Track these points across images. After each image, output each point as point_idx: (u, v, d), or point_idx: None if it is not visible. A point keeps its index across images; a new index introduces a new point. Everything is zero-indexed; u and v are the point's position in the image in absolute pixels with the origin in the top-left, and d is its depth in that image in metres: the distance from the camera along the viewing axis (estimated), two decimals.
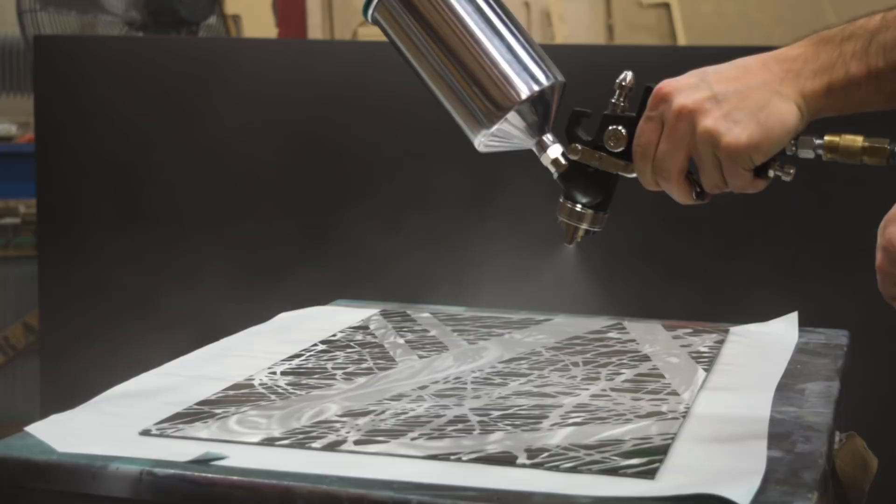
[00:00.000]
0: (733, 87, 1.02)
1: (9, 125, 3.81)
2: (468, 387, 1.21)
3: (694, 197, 1.07)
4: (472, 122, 1.10)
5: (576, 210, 1.12)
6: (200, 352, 1.36)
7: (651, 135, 1.05)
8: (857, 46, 1.00)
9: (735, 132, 1.01)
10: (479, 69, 1.08)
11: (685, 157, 1.04)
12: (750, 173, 1.03)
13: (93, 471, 0.96)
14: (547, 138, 1.12)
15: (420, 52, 1.10)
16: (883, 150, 1.02)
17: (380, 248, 2.37)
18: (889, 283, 1.26)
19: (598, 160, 1.10)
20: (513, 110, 1.08)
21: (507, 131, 1.10)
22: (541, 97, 1.09)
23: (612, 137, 1.08)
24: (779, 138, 1.01)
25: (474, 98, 1.09)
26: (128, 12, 3.37)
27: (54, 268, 2.56)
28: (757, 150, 1.01)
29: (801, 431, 1.07)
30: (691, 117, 1.02)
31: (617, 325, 1.52)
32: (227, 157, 2.49)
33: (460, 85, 1.09)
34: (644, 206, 2.31)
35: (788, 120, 1.01)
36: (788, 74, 1.01)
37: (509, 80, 1.08)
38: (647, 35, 4.26)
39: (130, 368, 1.26)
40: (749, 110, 1.01)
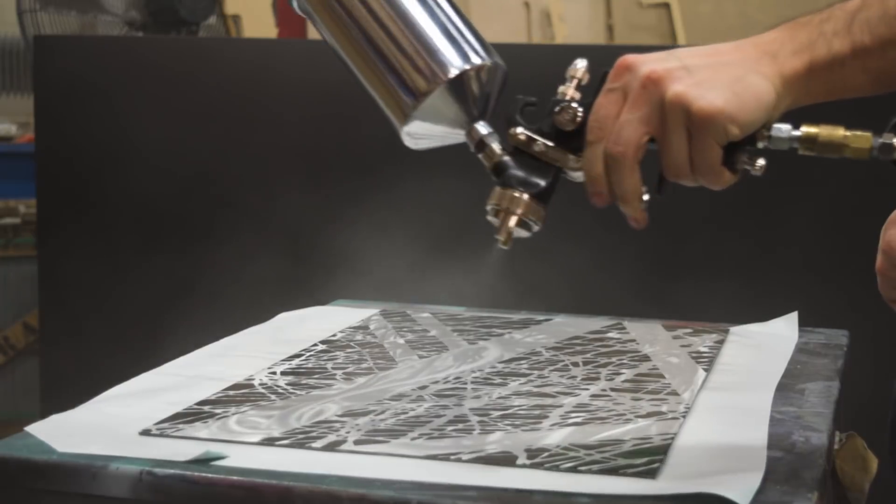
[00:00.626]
0: (705, 61, 0.93)
1: (9, 125, 3.82)
2: (468, 387, 1.21)
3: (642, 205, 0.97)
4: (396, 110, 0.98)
5: (513, 196, 0.97)
6: (200, 352, 1.36)
7: (611, 107, 0.93)
8: (839, 25, 0.92)
9: (709, 97, 0.90)
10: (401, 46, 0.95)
11: (647, 132, 0.92)
12: (720, 152, 0.92)
13: (93, 471, 0.96)
14: (480, 126, 0.98)
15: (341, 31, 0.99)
16: (866, 139, 0.93)
17: (379, 248, 2.37)
18: (889, 286, 1.26)
19: (541, 148, 0.96)
20: (438, 92, 0.96)
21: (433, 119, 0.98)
22: (474, 79, 0.97)
23: (566, 113, 0.95)
24: (754, 111, 0.91)
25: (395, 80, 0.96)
26: (128, 12, 3.37)
27: (54, 268, 2.56)
28: (732, 119, 0.90)
29: (801, 431, 1.07)
30: (661, 83, 0.91)
31: (617, 325, 1.52)
32: (226, 157, 2.49)
33: (381, 66, 0.96)
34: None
35: (764, 95, 0.91)
36: (765, 55, 0.92)
37: (435, 58, 0.95)
38: (647, 35, 4.26)
39: (130, 368, 1.26)
40: (723, 81, 0.91)
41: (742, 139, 0.92)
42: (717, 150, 0.92)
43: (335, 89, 2.43)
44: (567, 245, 2.29)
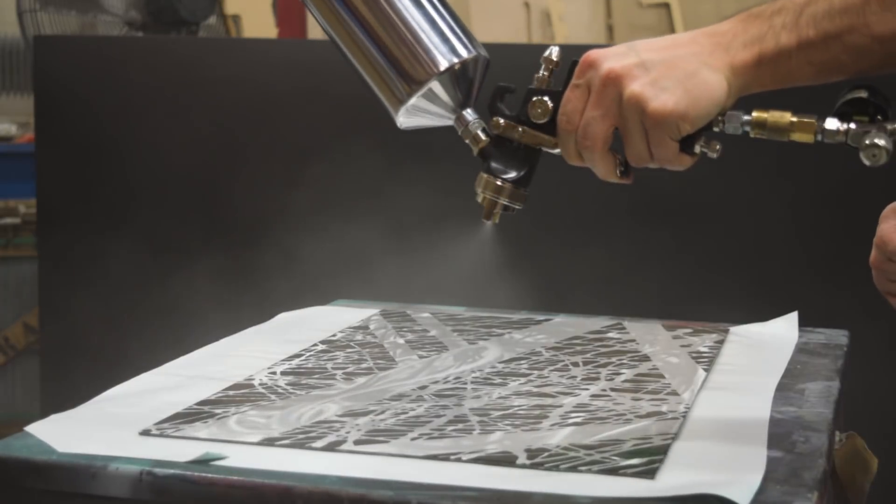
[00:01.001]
0: (661, 55, 1.00)
1: (9, 125, 3.81)
2: (468, 387, 1.21)
3: (618, 174, 1.05)
4: (391, 97, 1.08)
5: (496, 184, 1.09)
6: (200, 352, 1.36)
7: (577, 102, 1.03)
8: (788, 19, 0.98)
9: (662, 98, 0.99)
10: (397, 41, 1.05)
11: (611, 125, 1.02)
12: (676, 145, 1.01)
13: (93, 471, 0.96)
14: (468, 113, 1.09)
15: (340, 25, 1.07)
16: (811, 125, 1.00)
17: (380, 248, 2.37)
18: (883, 278, 1.28)
19: (521, 134, 1.07)
20: (430, 83, 1.06)
21: (426, 105, 1.08)
22: (461, 71, 1.07)
23: (537, 107, 1.06)
24: (706, 107, 0.99)
25: (392, 71, 1.06)
26: (128, 12, 3.37)
27: (54, 268, 2.56)
28: (683, 118, 0.99)
29: (801, 431, 1.07)
30: (618, 82, 1.00)
31: (617, 325, 1.52)
32: (226, 157, 2.49)
33: (378, 57, 1.06)
34: (644, 205, 2.31)
35: (716, 90, 0.99)
36: (718, 48, 1.00)
37: (428, 52, 1.05)
38: (647, 35, 4.25)
39: (130, 368, 1.26)
40: (676, 78, 0.99)
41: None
42: (671, 143, 1.01)
43: (335, 89, 2.43)
44: (567, 245, 2.29)
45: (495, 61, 1.14)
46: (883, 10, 0.95)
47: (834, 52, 0.97)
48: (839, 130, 0.99)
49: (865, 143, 0.98)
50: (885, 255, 1.25)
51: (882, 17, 0.95)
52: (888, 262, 1.28)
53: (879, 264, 1.26)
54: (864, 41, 0.96)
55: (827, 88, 1.01)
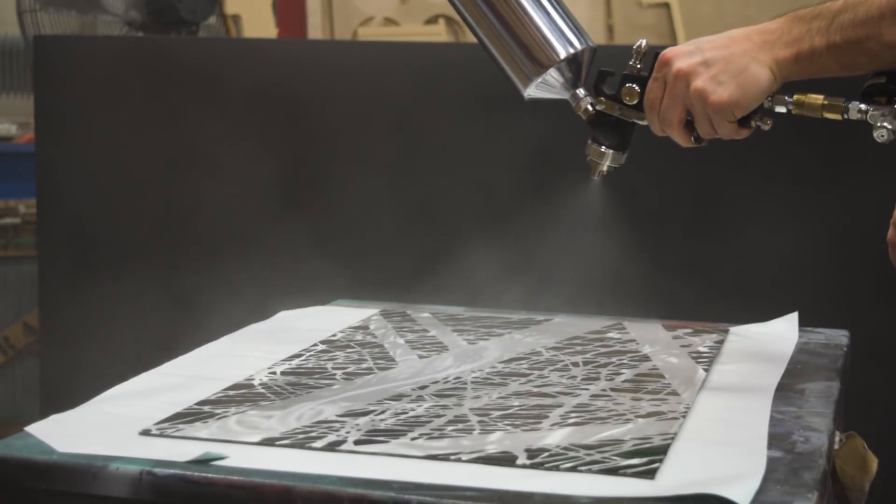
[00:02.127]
0: (721, 53, 1.25)
1: (9, 125, 3.81)
2: (468, 387, 1.21)
3: (693, 141, 1.31)
4: (522, 76, 1.34)
5: (600, 150, 1.37)
6: (200, 352, 1.36)
7: (657, 92, 1.29)
8: (822, 24, 1.22)
9: (719, 92, 1.24)
10: (528, 34, 1.32)
11: (683, 111, 1.28)
12: (734, 124, 1.27)
13: (93, 471, 0.96)
14: (580, 92, 1.35)
15: (481, 20, 1.34)
16: (838, 106, 1.24)
17: (380, 248, 2.37)
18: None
19: (619, 111, 1.34)
20: (553, 67, 1.32)
21: (549, 84, 1.34)
22: (574, 58, 1.33)
23: (628, 94, 1.33)
24: (755, 96, 1.25)
25: (523, 56, 1.33)
26: (128, 12, 3.37)
27: (54, 268, 2.55)
28: (737, 106, 1.25)
29: (801, 431, 1.07)
30: (686, 79, 1.26)
31: (617, 325, 1.52)
32: (226, 157, 2.49)
33: (513, 46, 1.33)
34: (644, 205, 2.31)
35: (763, 82, 1.24)
36: (766, 45, 1.24)
37: (551, 43, 1.32)
38: (647, 35, 4.25)
39: (130, 368, 1.26)
40: (731, 73, 1.24)
41: None
42: (729, 124, 1.27)
43: (335, 89, 2.43)
44: (568, 245, 2.29)
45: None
46: (893, 23, 1.18)
47: (855, 54, 1.21)
48: (860, 110, 1.23)
49: (877, 125, 1.22)
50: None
51: (891, 28, 1.18)
52: None
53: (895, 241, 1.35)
54: (878, 47, 1.19)
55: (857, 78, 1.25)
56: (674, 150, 1.37)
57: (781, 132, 1.35)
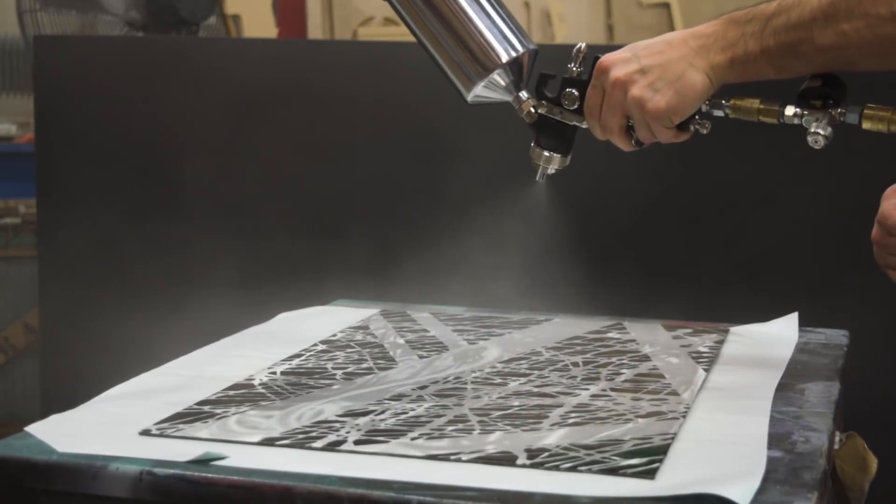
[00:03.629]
0: (657, 60, 1.25)
1: (9, 125, 3.81)
2: (468, 387, 1.21)
3: (634, 145, 1.31)
4: (465, 80, 1.34)
5: (543, 153, 1.37)
6: (200, 352, 1.36)
7: (596, 99, 1.30)
8: (756, 28, 1.21)
9: (656, 99, 1.25)
10: (470, 38, 1.33)
11: (622, 117, 1.29)
12: (672, 130, 1.28)
13: (93, 471, 0.96)
14: (522, 94, 1.36)
15: (424, 25, 1.34)
16: (774, 110, 1.25)
17: (380, 248, 2.37)
18: (884, 253, 1.36)
19: (560, 114, 1.35)
20: (496, 71, 1.32)
21: (492, 87, 1.34)
22: (516, 61, 1.33)
23: (568, 98, 1.34)
24: (691, 102, 1.25)
25: (466, 60, 1.33)
26: (128, 12, 3.37)
27: (54, 268, 2.55)
28: (674, 112, 1.25)
29: (801, 431, 1.07)
30: (623, 87, 1.26)
31: (617, 325, 1.52)
32: (226, 157, 2.49)
33: (456, 50, 1.33)
34: (644, 206, 2.31)
35: (699, 88, 1.24)
36: (701, 49, 1.24)
37: (493, 47, 1.33)
38: (647, 35, 4.24)
39: (130, 368, 1.26)
40: (668, 80, 1.25)
41: None
42: (668, 130, 1.28)
43: (335, 89, 2.43)
44: (568, 245, 2.29)
45: None
46: (825, 27, 1.17)
47: (788, 59, 1.20)
48: (795, 114, 1.24)
49: (809, 130, 1.23)
50: (886, 230, 1.34)
51: (823, 32, 1.17)
52: (889, 237, 1.35)
53: (881, 239, 1.35)
54: (811, 51, 1.19)
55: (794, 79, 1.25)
56: (674, 149, 1.37)
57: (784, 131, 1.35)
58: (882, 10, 1.13)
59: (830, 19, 1.16)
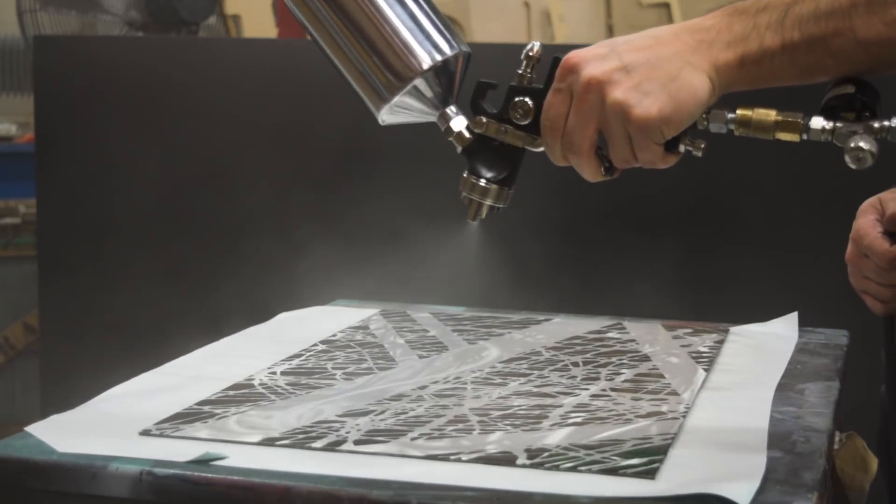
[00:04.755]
0: (644, 56, 0.98)
1: (9, 125, 3.81)
2: (468, 387, 1.21)
3: (603, 172, 1.03)
4: (374, 95, 1.07)
5: (479, 185, 1.08)
6: (200, 352, 1.36)
7: (560, 107, 1.01)
8: (773, 18, 0.96)
9: (645, 104, 0.97)
10: (380, 38, 1.05)
11: (595, 131, 1.00)
12: (660, 147, 1.00)
13: (93, 471, 0.96)
14: (450, 110, 1.08)
15: (321, 24, 1.08)
16: (796, 124, 0.98)
17: (380, 248, 2.37)
18: (858, 275, 1.29)
19: (504, 133, 1.05)
20: (414, 81, 1.05)
21: (409, 103, 1.07)
22: (444, 67, 1.06)
23: (519, 109, 1.04)
24: (690, 111, 0.98)
25: (374, 69, 1.05)
26: (128, 12, 3.37)
27: (54, 268, 2.55)
28: (668, 122, 0.97)
29: (801, 431, 1.07)
30: (600, 88, 0.98)
31: (617, 325, 1.52)
32: (226, 157, 2.49)
33: (360, 55, 1.06)
34: (644, 205, 2.31)
35: (700, 92, 0.97)
36: (701, 45, 0.98)
37: (411, 50, 1.05)
38: None
39: (130, 368, 1.26)
40: (660, 81, 0.97)
41: None
42: (655, 147, 0.99)
43: (335, 89, 2.43)
44: (568, 245, 2.29)
45: (495, 61, 1.14)
46: (869, 14, 0.93)
47: (818, 55, 0.95)
48: (825, 129, 0.97)
49: (850, 146, 0.95)
50: (860, 250, 1.26)
51: (867, 21, 0.93)
52: (863, 258, 1.29)
53: (855, 260, 1.27)
54: (848, 45, 0.94)
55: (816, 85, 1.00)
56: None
57: None
58: None
59: (876, 4, 0.92)
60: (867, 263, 1.28)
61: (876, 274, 1.29)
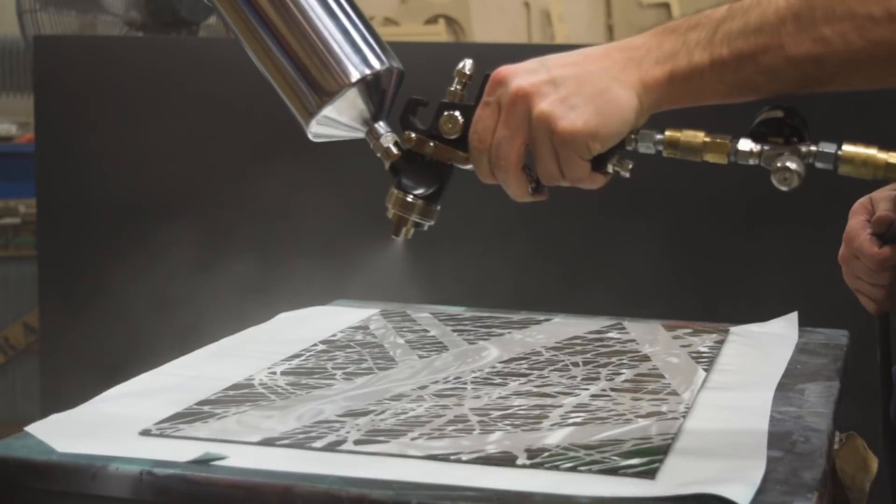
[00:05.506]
0: (572, 71, 0.99)
1: (9, 125, 3.81)
2: (468, 387, 1.21)
3: (530, 192, 1.03)
4: (301, 108, 1.07)
5: (406, 200, 1.08)
6: (200, 352, 1.36)
7: (488, 120, 1.01)
8: (702, 35, 0.96)
9: (571, 117, 0.97)
10: (308, 50, 1.04)
11: (522, 144, 1.00)
12: (587, 164, 1.00)
13: (93, 471, 0.95)
14: (380, 126, 1.08)
15: (249, 32, 1.06)
16: (724, 145, 0.98)
17: (380, 248, 2.37)
18: (851, 275, 1.30)
19: (432, 149, 1.06)
20: (341, 95, 1.05)
21: (336, 117, 1.07)
22: (374, 82, 1.06)
23: (448, 123, 1.04)
24: (616, 127, 0.98)
25: (302, 81, 1.05)
26: (128, 12, 3.37)
27: (54, 268, 2.56)
28: (594, 137, 0.98)
29: (801, 431, 1.07)
30: (527, 100, 0.99)
31: (617, 325, 1.52)
32: (226, 157, 2.49)
33: (288, 67, 1.05)
34: (644, 205, 2.31)
35: (626, 108, 0.97)
36: (630, 63, 0.98)
37: (339, 63, 1.05)
38: None
39: (130, 368, 1.26)
40: (586, 95, 0.97)
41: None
42: (582, 163, 0.99)
43: None
44: (568, 245, 2.29)
45: (495, 61, 1.14)
46: (797, 31, 0.92)
47: (747, 72, 0.95)
48: (752, 152, 0.98)
49: (777, 166, 0.96)
50: (852, 251, 1.28)
51: (796, 38, 0.92)
52: (855, 259, 1.31)
53: (847, 260, 1.30)
54: (777, 62, 0.93)
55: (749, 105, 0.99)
56: None
57: None
58: (874, 10, 0.90)
59: (805, 20, 0.92)
60: (859, 264, 1.31)
61: (867, 275, 1.32)
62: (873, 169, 0.95)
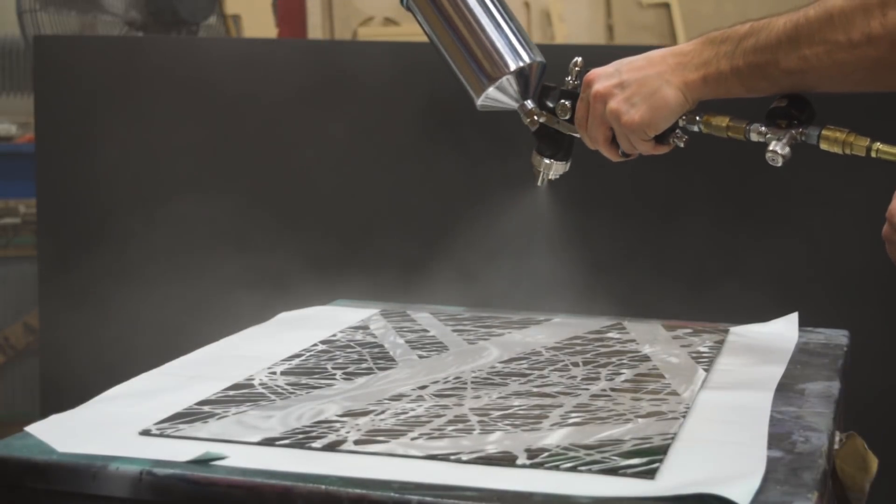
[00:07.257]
0: (636, 76, 1.32)
1: (9, 125, 3.81)
2: (468, 387, 1.21)
3: (621, 155, 1.38)
4: (476, 85, 1.42)
5: (543, 160, 1.45)
6: (200, 352, 1.36)
7: (583, 111, 1.38)
8: (728, 48, 1.27)
9: (631, 113, 1.32)
10: (482, 47, 1.41)
11: (607, 129, 1.36)
12: (651, 142, 1.34)
13: (93, 471, 0.96)
14: (527, 104, 1.43)
15: (441, 32, 1.43)
16: (741, 128, 1.31)
17: (380, 248, 2.37)
18: (894, 249, 1.36)
19: (557, 123, 1.42)
20: (503, 78, 1.40)
21: (500, 94, 1.42)
22: (523, 71, 1.40)
23: (561, 109, 1.41)
24: (665, 117, 1.32)
25: (478, 67, 1.41)
26: (128, 12, 3.37)
27: (54, 268, 2.55)
28: (648, 126, 1.32)
29: (801, 431, 1.07)
30: (603, 99, 1.34)
31: (617, 325, 1.52)
32: (226, 157, 2.49)
33: (469, 57, 1.41)
34: (644, 205, 2.31)
35: (672, 103, 1.31)
36: (678, 67, 1.30)
37: (502, 56, 1.40)
38: (647, 35, 4.26)
39: (130, 368, 1.26)
40: (644, 95, 1.31)
41: None
42: (645, 143, 1.35)
43: (335, 89, 2.43)
44: (569, 245, 2.29)
45: None
46: (788, 50, 1.23)
47: (756, 79, 1.26)
48: (760, 132, 1.30)
49: (769, 148, 1.28)
50: (894, 228, 1.37)
51: (787, 55, 1.23)
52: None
53: (890, 236, 1.39)
54: (775, 72, 1.24)
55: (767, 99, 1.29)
56: (674, 150, 1.37)
57: None
58: (840, 37, 1.19)
59: (794, 43, 1.22)
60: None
61: None
62: (841, 145, 1.26)
